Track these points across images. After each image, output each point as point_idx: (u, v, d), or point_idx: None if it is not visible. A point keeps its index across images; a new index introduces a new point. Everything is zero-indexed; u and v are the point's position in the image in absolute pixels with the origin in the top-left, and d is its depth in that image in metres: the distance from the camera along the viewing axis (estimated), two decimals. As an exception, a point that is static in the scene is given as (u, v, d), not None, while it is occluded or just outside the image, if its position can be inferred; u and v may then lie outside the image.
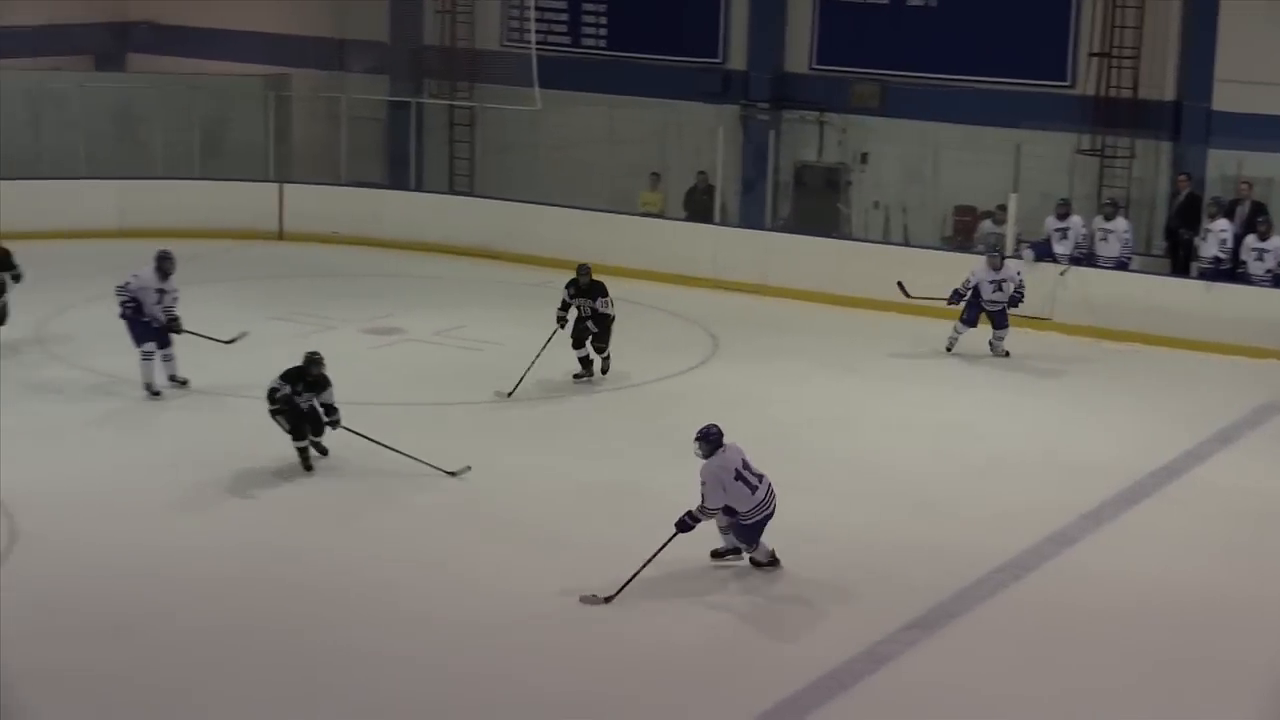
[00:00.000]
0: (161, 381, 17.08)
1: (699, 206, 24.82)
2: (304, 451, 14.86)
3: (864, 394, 18.34)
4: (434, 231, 24.98)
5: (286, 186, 25.84)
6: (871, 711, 10.82)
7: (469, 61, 27.50)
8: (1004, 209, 22.29)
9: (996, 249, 20.51)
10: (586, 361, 18.18)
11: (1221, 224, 20.91)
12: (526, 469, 15.11)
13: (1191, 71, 22.70)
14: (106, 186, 25.24)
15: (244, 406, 16.27)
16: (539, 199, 25.13)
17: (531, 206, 24.99)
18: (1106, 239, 21.46)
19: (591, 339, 18.08)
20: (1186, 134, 22.80)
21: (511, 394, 17.34)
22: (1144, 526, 14.33)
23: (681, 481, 12.85)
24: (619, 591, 11.98)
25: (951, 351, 19.88)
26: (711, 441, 12.40)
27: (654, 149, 25.71)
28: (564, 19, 27.05)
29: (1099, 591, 12.73)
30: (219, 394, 17.08)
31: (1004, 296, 19.77)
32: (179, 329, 17.08)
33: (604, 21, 26.88)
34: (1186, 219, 21.85)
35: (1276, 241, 20.59)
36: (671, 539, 12.26)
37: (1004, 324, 19.95)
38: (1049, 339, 20.89)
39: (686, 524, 12.35)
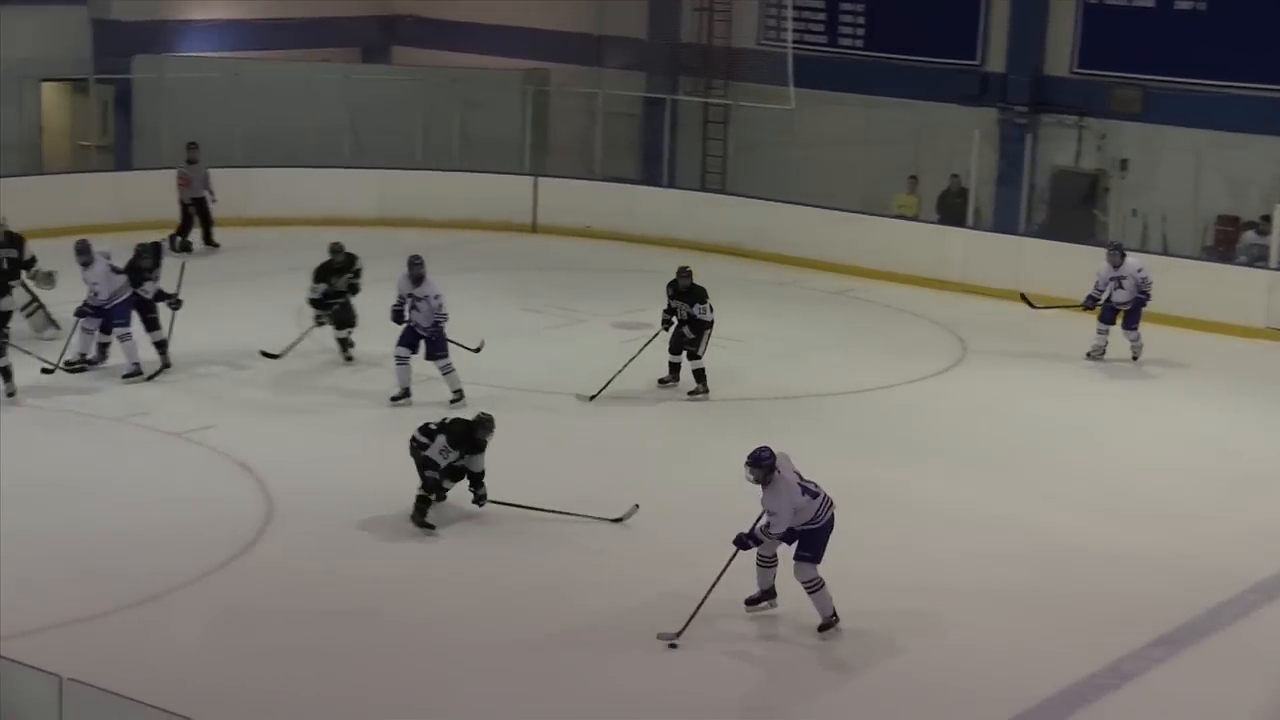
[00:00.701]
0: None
1: (952, 210, 24.57)
2: (424, 503, 13.39)
3: (1116, 404, 18.00)
4: (685, 228, 25.09)
5: (541, 180, 26.19)
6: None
7: (725, 59, 27.60)
8: (1268, 219, 21.70)
9: (1117, 245, 19.82)
10: (675, 368, 17.53)
11: None
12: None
13: None
14: (368, 176, 25.88)
15: (507, 399, 16.56)
16: (790, 198, 25.10)
17: (783, 206, 24.95)
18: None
19: (686, 345, 17.39)
20: None
21: (594, 398, 17.00)
22: None
23: (928, 486, 12.76)
24: (684, 628, 11.41)
25: (1095, 357, 19.30)
26: (765, 465, 11.50)
27: (908, 151, 25.51)
28: (821, 18, 26.97)
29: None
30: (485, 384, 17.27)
31: (1126, 295, 19.12)
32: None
33: (861, 21, 26.75)
34: None
35: None
36: (733, 559, 11.58)
37: (1132, 324, 19.23)
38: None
39: (746, 544, 11.58)
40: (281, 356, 17.82)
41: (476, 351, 17.12)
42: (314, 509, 13.66)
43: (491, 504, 13.44)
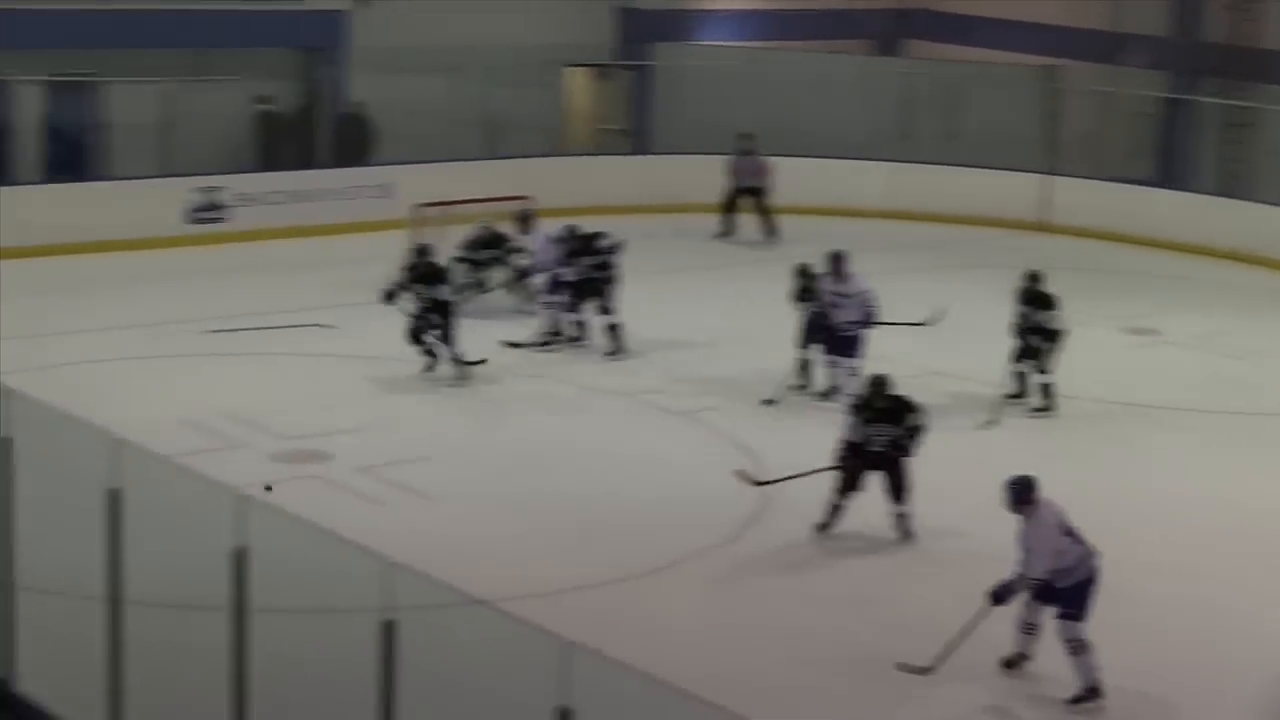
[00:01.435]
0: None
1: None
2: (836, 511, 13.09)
3: None
4: (1196, 232, 24.26)
5: (1052, 178, 25.76)
6: None
7: (1252, 60, 26.54)
8: None
9: None
10: (1021, 378, 16.47)
11: None
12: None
13: None
14: (874, 168, 26.00)
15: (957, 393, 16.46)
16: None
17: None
18: None
19: (1031, 355, 16.32)
20: None
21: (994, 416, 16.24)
22: None
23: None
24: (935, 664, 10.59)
25: None
26: (1021, 492, 10.60)
27: None
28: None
29: None
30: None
31: None
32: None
33: None
34: None
35: None
36: (984, 614, 10.59)
37: None
38: None
39: (1003, 597, 10.55)
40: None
41: (922, 326, 16.69)
42: (804, 495, 13.85)
43: None
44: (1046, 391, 16.32)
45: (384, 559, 7.34)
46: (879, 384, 13.08)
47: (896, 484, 12.96)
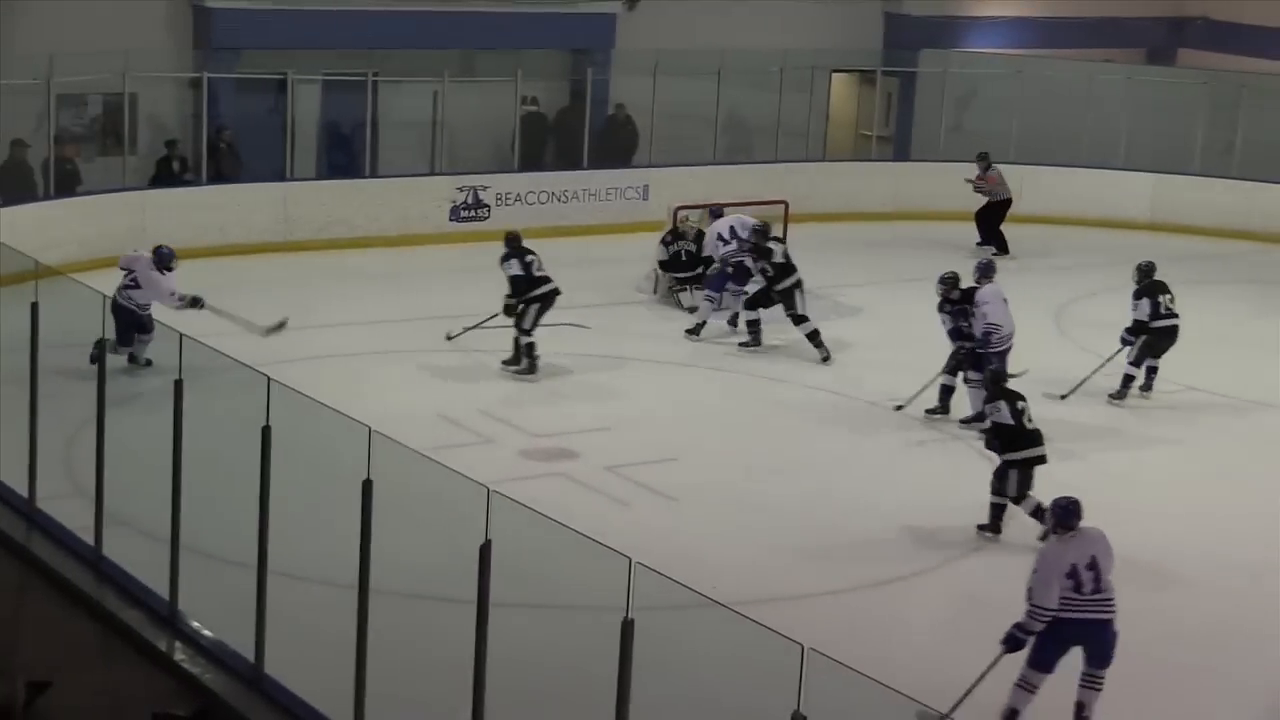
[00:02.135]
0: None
1: None
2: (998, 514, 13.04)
3: None
4: None
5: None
6: None
7: None
8: None
9: None
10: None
11: None
12: None
13: None
14: (1142, 179, 25.46)
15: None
16: None
17: None
18: None
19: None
20: None
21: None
22: None
23: None
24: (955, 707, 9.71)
25: None
26: (1058, 515, 9.95)
27: None
28: None
29: None
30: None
31: None
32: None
33: None
34: None
35: None
36: (998, 660, 9.95)
37: None
38: None
39: (1017, 640, 9.82)
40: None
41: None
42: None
43: None
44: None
45: (625, 558, 7.43)
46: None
47: None
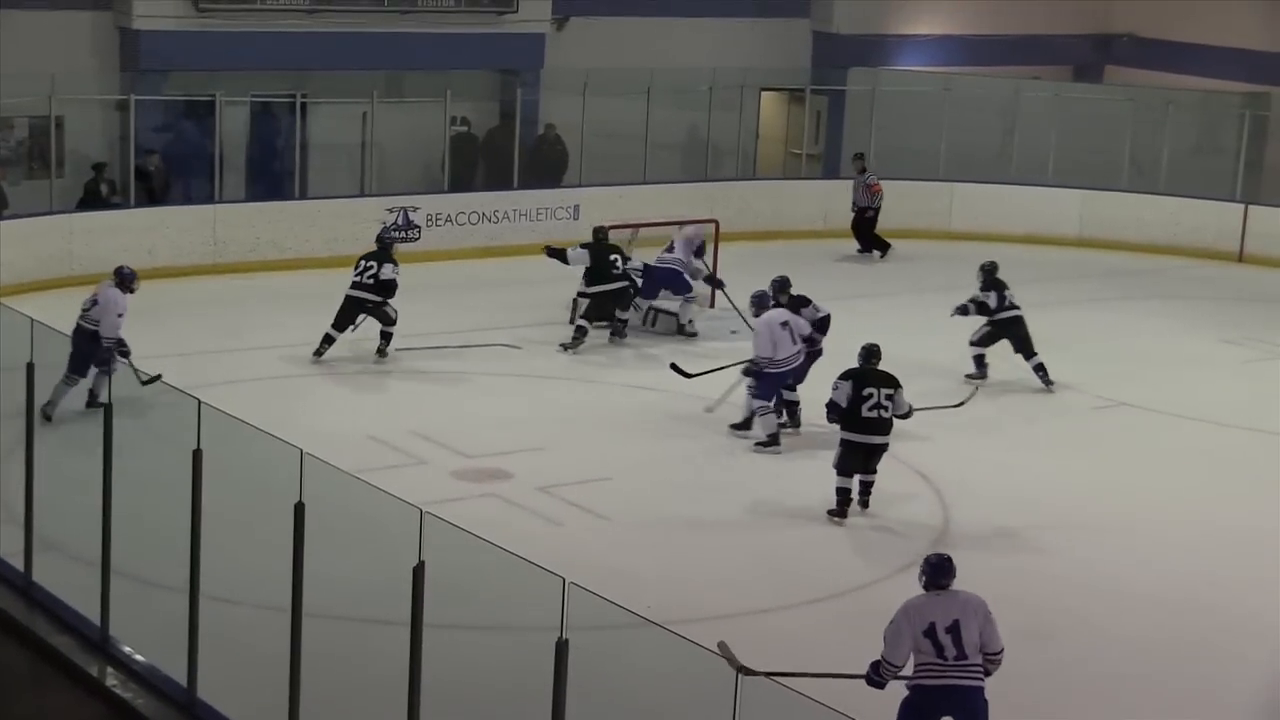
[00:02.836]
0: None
1: None
2: None
3: None
4: None
5: (1253, 208, 25.16)
6: None
7: None
8: None
9: None
10: None
11: None
12: None
13: None
14: (1070, 195, 25.63)
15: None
16: None
17: None
18: None
19: None
20: None
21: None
22: None
23: None
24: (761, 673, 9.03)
25: None
26: (929, 571, 9.25)
27: None
28: None
29: None
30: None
31: None
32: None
33: None
34: None
35: None
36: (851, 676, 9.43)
37: None
38: None
39: (873, 679, 9.28)
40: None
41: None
42: (991, 517, 13.75)
43: None
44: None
45: (559, 578, 7.39)
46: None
47: None
